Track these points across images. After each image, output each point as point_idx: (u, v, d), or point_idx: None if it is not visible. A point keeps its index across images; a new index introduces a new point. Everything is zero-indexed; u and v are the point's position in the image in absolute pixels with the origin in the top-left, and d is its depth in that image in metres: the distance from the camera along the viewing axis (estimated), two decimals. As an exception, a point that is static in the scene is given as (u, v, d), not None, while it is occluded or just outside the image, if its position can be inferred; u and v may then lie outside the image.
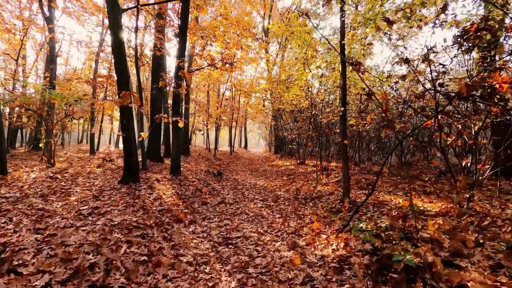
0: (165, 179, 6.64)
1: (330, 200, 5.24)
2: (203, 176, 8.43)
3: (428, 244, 2.78)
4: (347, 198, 4.71)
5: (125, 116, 5.65)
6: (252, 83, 21.70)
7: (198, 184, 6.94)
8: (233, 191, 7.34)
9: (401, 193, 5.19)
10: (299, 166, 11.21)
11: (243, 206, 5.73)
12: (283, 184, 8.22)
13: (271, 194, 6.94)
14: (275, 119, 18.02)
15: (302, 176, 8.96)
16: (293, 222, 4.54)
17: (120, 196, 4.79)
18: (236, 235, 3.90)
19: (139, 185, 5.71)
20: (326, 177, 7.87)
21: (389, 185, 6.02)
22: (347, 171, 4.79)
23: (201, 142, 37.81)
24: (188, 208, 5.00)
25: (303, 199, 5.91)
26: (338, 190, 5.91)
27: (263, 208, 5.53)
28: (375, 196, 5.10)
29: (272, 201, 6.18)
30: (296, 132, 10.63)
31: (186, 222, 4.30)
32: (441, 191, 4.98)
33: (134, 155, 5.82)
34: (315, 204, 5.30)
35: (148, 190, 5.47)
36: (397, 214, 3.75)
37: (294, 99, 10.18)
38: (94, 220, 3.50)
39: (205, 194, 6.37)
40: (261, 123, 31.64)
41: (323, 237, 3.64)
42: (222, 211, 5.24)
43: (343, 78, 4.73)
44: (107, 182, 6.11)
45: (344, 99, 4.71)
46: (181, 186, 6.32)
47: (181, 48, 6.85)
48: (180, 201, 5.21)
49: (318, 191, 6.13)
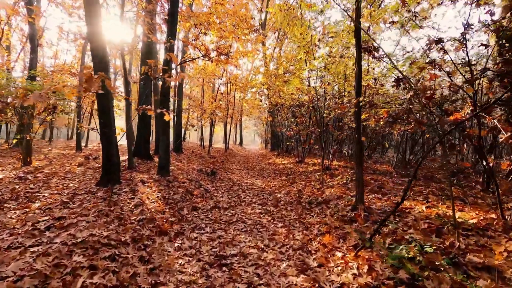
0: (151, 180, 5.89)
1: (340, 206, 4.58)
2: (195, 176, 7.70)
3: (484, 273, 2.12)
4: (361, 205, 4.05)
5: (102, 108, 4.87)
6: (248, 77, 20.90)
7: (189, 186, 6.21)
8: (228, 193, 6.64)
9: (421, 198, 4.55)
10: (298, 165, 10.55)
11: (240, 212, 5.03)
12: (282, 185, 7.54)
13: (270, 197, 6.26)
14: (272, 115, 17.31)
15: (302, 176, 8.29)
16: (299, 233, 3.86)
17: (93, 202, 4.04)
18: (232, 252, 3.20)
19: (119, 188, 4.96)
20: (330, 178, 7.22)
21: (402, 188, 5.39)
22: (361, 173, 4.12)
23: (195, 139, 36.93)
24: (176, 215, 4.27)
25: (307, 203, 5.23)
26: (346, 194, 5.25)
27: (262, 215, 4.84)
28: (391, 202, 4.45)
29: (272, 205, 5.50)
30: (295, 128, 9.93)
31: (171, 235, 3.58)
32: (473, 197, 4.36)
33: (114, 153, 5.06)
34: (323, 211, 4.63)
35: (129, 194, 4.72)
36: (428, 227, 3.10)
37: (294, 92, 9.47)
38: (51, 237, 2.76)
39: (197, 197, 5.66)
40: (257, 119, 30.92)
41: (339, 256, 2.97)
42: (215, 219, 4.53)
43: (358, 64, 4.04)
44: (84, 184, 5.34)
45: (358, 88, 4.03)
46: (169, 189, 5.58)
47: (170, 30, 6.06)
48: (166, 207, 4.49)
49: (324, 195, 5.46)
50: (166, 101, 6.35)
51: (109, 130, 4.88)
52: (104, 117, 4.88)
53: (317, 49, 7.36)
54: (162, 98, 6.40)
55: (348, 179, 6.60)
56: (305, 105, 11.19)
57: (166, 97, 6.33)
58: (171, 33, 6.07)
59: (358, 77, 4.06)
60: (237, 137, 34.03)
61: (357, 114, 4.10)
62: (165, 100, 6.34)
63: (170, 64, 5.78)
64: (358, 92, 4.04)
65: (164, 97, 6.38)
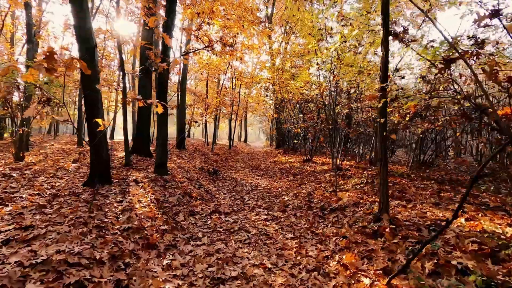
0: (146, 180, 5.35)
1: (359, 214, 3.96)
2: (196, 175, 7.14)
3: None
4: (386, 215, 3.43)
5: (89, 99, 4.32)
6: (253, 72, 20.25)
7: (187, 186, 5.65)
8: (230, 195, 6.07)
9: (453, 207, 3.90)
10: (306, 164, 9.92)
11: (243, 218, 4.45)
12: (290, 186, 6.94)
13: (276, 200, 5.67)
14: (277, 112, 16.65)
15: (311, 176, 7.67)
16: (312, 247, 3.26)
17: (74, 206, 3.49)
18: (232, 274, 2.62)
19: (108, 189, 4.41)
20: (342, 179, 6.59)
21: (428, 193, 4.73)
22: (386, 177, 3.49)
23: (200, 135, 36.48)
24: (169, 222, 3.71)
25: (319, 209, 4.62)
26: (364, 199, 4.62)
27: (268, 222, 4.25)
28: (419, 211, 3.81)
29: (278, 210, 4.91)
30: (303, 125, 9.29)
31: (161, 248, 3.02)
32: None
33: (103, 149, 4.51)
34: (338, 219, 4.01)
35: (118, 196, 4.17)
36: (479, 249, 2.46)
37: (303, 86, 8.81)
38: (6, 255, 2.22)
39: (196, 199, 5.09)
40: (262, 116, 30.30)
41: (366, 284, 2.36)
42: (214, 226, 3.96)
43: (385, 46, 3.39)
44: (71, 183, 4.82)
45: (385, 75, 3.38)
46: (165, 190, 5.03)
47: (168, 7, 5.45)
48: (159, 212, 3.93)
49: (338, 199, 4.84)
50: (163, 93, 5.78)
51: (96, 123, 4.32)
52: (92, 109, 4.33)
53: (328, 38, 6.69)
54: (158, 89, 5.83)
55: (364, 181, 5.96)
56: (313, 100, 10.53)
57: (163, 89, 5.75)
58: (169, 10, 5.46)
59: (384, 61, 3.41)
60: (242, 134, 33.51)
61: (383, 107, 3.46)
62: (162, 91, 5.77)
63: (168, 51, 5.19)
64: (385, 79, 3.40)
65: (160, 89, 5.81)
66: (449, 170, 8.17)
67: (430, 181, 5.84)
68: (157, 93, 5.83)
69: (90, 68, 4.29)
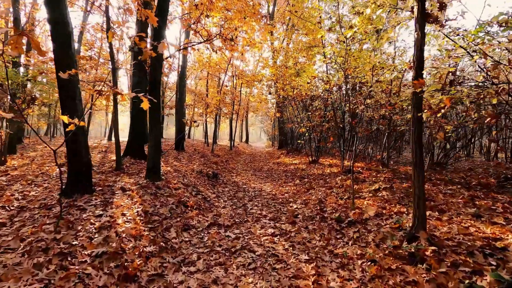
0: (135, 187, 4.71)
1: (385, 229, 3.29)
2: (193, 180, 6.50)
3: None
4: (423, 232, 2.76)
5: (65, 92, 3.68)
6: (255, 69, 19.64)
7: (183, 194, 5.01)
8: (231, 202, 5.42)
9: (502, 220, 3.22)
10: (312, 166, 9.26)
11: (246, 232, 3.80)
12: (297, 191, 6.28)
13: (283, 209, 5.02)
14: (280, 111, 15.98)
15: (320, 180, 7.01)
16: (334, 274, 2.60)
17: (40, 223, 2.85)
18: (233, 319, 1.97)
19: (88, 199, 3.77)
20: (355, 183, 5.93)
21: (460, 201, 4.06)
22: (423, 185, 2.83)
23: (201, 136, 35.82)
24: (157, 241, 3.06)
25: (334, 221, 3.96)
26: (388, 210, 3.95)
27: (276, 238, 3.59)
28: (459, 225, 3.14)
29: (287, 221, 4.25)
30: (309, 124, 8.62)
31: (142, 280, 2.37)
32: None
33: (82, 151, 3.87)
34: (360, 235, 3.35)
35: (98, 208, 3.53)
36: None
37: (311, 82, 8.13)
38: None
39: (191, 209, 4.44)
40: (264, 116, 29.68)
41: None
42: (212, 244, 3.31)
43: (421, 26, 2.74)
44: (48, 192, 4.19)
45: (420, 60, 2.72)
46: (156, 198, 4.38)
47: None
48: (145, 228, 3.28)
49: (356, 208, 4.18)
50: (155, 88, 5.14)
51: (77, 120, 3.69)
52: (69, 103, 3.69)
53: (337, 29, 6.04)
54: (150, 84, 5.19)
55: (381, 186, 5.30)
56: (320, 97, 9.88)
57: (155, 84, 5.11)
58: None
59: (420, 44, 2.75)
60: (243, 134, 32.88)
61: (417, 100, 2.80)
62: (154, 87, 5.13)
63: (160, 37, 4.57)
64: (420, 65, 2.74)
65: (152, 84, 5.17)
66: (466, 171, 7.52)
67: (455, 186, 5.17)
68: (149, 90, 5.19)
69: (66, 57, 3.68)
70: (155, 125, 5.31)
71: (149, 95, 5.13)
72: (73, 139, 3.75)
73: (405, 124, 7.39)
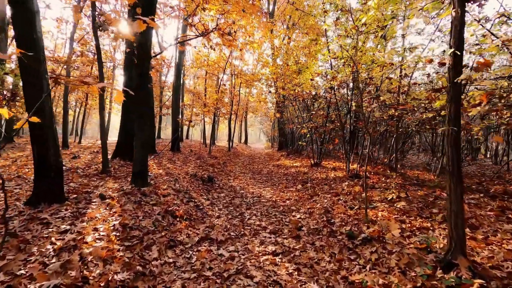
0: (117, 194, 4.14)
1: (409, 250, 2.73)
2: (186, 184, 5.93)
3: None
4: (464, 259, 2.21)
5: (28, 82, 3.12)
6: (255, 68, 19.12)
7: (172, 201, 4.44)
8: (227, 211, 4.85)
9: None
10: (314, 169, 8.70)
11: (242, 250, 3.23)
12: (299, 198, 5.72)
13: (285, 219, 4.45)
14: (280, 111, 15.43)
15: (324, 185, 6.45)
16: (352, 314, 2.04)
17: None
18: None
19: (56, 210, 3.20)
20: (363, 189, 5.38)
21: (491, 214, 3.51)
22: (461, 200, 2.28)
23: (199, 137, 35.21)
24: (133, 265, 2.49)
25: (345, 236, 3.40)
26: (410, 225, 3.39)
27: (278, 258, 3.03)
28: (501, 247, 2.59)
29: (290, 235, 3.69)
30: (312, 125, 8.06)
31: (104, 325, 1.80)
32: None
33: (50, 152, 3.30)
34: (380, 256, 2.79)
35: (66, 221, 2.96)
36: None
37: (314, 79, 7.59)
38: None
39: (181, 220, 3.87)
40: (263, 117, 29.15)
41: None
42: (201, 267, 2.74)
43: (460, 5, 2.20)
44: (15, 199, 3.62)
45: (460, 41, 2.18)
46: (140, 208, 3.81)
47: None
48: (121, 247, 2.71)
49: (371, 222, 3.62)
50: (143, 81, 4.57)
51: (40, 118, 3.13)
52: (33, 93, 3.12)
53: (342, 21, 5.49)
54: (138, 77, 4.62)
55: (394, 194, 4.75)
56: (322, 96, 9.34)
57: (143, 76, 4.55)
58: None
59: (460, 23, 2.21)
60: (242, 135, 32.33)
61: (456, 92, 2.25)
62: (142, 80, 4.57)
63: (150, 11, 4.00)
64: (460, 47, 2.19)
65: (141, 77, 4.60)
66: (479, 176, 7.01)
67: (477, 194, 4.62)
68: (137, 84, 4.63)
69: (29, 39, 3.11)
70: (142, 124, 4.74)
71: (137, 88, 4.59)
72: (39, 139, 3.18)
73: (415, 125, 6.86)
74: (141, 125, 4.73)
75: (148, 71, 4.71)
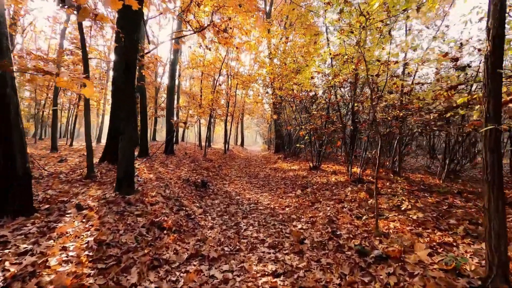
0: (98, 203, 3.68)
1: (434, 272, 2.33)
2: (178, 190, 5.48)
3: None
4: (505, 285, 1.82)
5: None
6: (251, 69, 18.76)
7: (160, 210, 3.99)
8: (221, 220, 4.41)
9: None
10: (314, 173, 8.31)
11: (237, 269, 2.80)
12: (299, 205, 5.30)
13: (285, 229, 4.03)
14: (277, 113, 15.05)
15: (325, 190, 6.05)
16: None
17: None
18: None
19: (22, 223, 2.74)
20: (368, 195, 4.99)
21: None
22: (504, 216, 1.90)
23: (195, 139, 34.66)
24: (104, 295, 2.05)
25: (355, 252, 2.98)
26: (428, 238, 2.99)
27: (279, 280, 2.60)
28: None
29: (291, 250, 3.27)
30: (311, 127, 7.68)
31: None
32: None
33: (16, 156, 2.84)
34: (399, 280, 2.37)
35: (30, 239, 2.51)
36: None
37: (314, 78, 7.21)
38: None
39: (168, 233, 3.43)
40: (259, 119, 28.74)
41: None
42: (189, 294, 2.30)
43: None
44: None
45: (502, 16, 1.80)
46: (122, 219, 3.36)
47: None
48: (92, 271, 2.26)
49: (383, 235, 3.21)
50: (130, 73, 4.13)
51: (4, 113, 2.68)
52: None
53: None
54: (125, 68, 4.17)
55: (403, 201, 4.36)
56: (321, 97, 8.98)
57: (129, 67, 4.11)
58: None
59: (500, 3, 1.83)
60: (238, 137, 31.89)
61: (495, 83, 1.86)
62: (128, 71, 4.12)
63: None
64: (502, 23, 1.81)
65: (127, 70, 4.16)
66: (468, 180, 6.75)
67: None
68: (124, 73, 4.18)
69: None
70: (128, 124, 4.29)
71: (124, 83, 4.14)
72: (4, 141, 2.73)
73: (418, 126, 6.51)
74: (127, 125, 4.28)
75: (135, 64, 4.27)
